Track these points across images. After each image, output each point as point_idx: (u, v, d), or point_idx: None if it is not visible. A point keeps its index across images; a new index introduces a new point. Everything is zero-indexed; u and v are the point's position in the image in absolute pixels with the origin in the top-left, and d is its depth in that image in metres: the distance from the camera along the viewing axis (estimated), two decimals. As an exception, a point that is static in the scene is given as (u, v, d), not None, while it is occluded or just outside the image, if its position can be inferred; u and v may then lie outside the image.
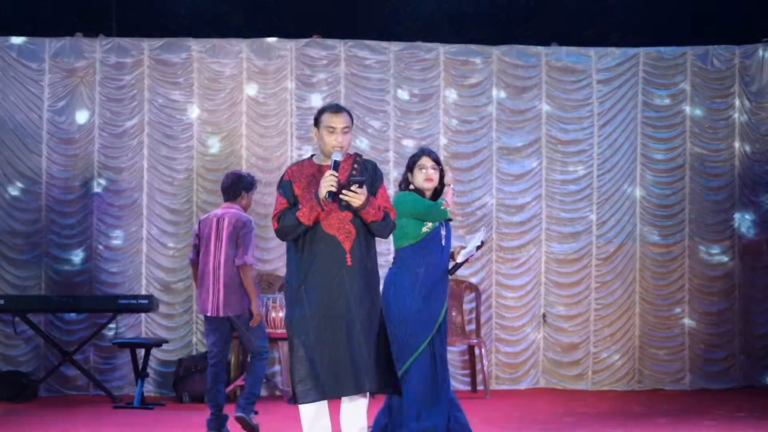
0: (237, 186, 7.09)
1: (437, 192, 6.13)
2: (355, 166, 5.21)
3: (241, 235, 6.92)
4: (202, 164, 9.60)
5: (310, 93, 9.68)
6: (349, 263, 5.14)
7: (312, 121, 5.35)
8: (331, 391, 5.06)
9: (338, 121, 5.19)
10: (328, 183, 5.02)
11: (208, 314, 6.98)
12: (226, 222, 6.97)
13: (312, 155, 5.38)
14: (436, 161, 6.13)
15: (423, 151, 6.16)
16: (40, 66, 9.46)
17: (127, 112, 9.55)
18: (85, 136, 9.49)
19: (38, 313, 9.12)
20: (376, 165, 5.37)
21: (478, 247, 6.18)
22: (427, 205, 5.99)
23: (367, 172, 5.25)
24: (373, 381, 5.07)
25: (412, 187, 6.11)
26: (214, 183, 9.60)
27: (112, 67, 9.54)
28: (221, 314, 6.94)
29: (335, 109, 5.26)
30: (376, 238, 5.30)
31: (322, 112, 5.25)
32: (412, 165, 6.13)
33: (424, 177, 6.06)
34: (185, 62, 9.60)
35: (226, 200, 7.12)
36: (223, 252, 6.93)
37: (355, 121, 9.84)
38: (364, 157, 5.38)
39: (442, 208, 5.99)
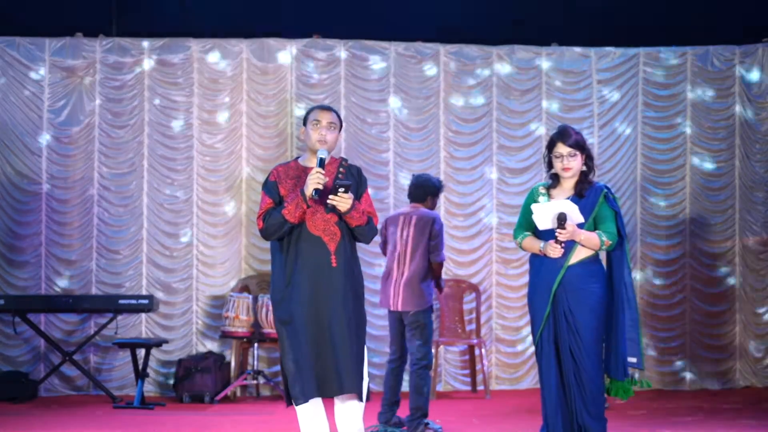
0: (423, 190, 7.23)
1: (584, 177, 5.61)
2: (341, 170, 5.27)
3: (434, 232, 7.06)
4: (202, 164, 9.60)
5: (310, 93, 9.68)
6: (334, 264, 5.18)
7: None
8: (316, 392, 5.10)
9: (324, 116, 5.28)
10: (314, 180, 5.08)
11: (391, 308, 7.07)
12: (413, 220, 7.10)
13: (297, 157, 5.43)
14: (575, 145, 5.53)
15: (558, 136, 5.57)
16: (40, 66, 9.46)
17: (127, 112, 9.55)
18: (85, 136, 9.49)
19: (38, 313, 9.11)
20: (360, 170, 5.44)
21: (560, 222, 5.40)
22: (518, 221, 5.70)
23: (352, 177, 5.30)
24: (352, 382, 5.11)
25: (553, 170, 5.62)
26: (214, 183, 9.61)
27: (112, 67, 9.53)
28: (399, 308, 7.03)
29: (323, 106, 5.38)
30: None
31: (309, 111, 5.37)
32: (549, 150, 5.59)
33: (561, 166, 5.55)
34: (185, 62, 9.60)
35: (412, 201, 7.28)
36: (409, 249, 7.05)
37: (354, 121, 9.91)
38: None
39: (519, 241, 5.61)
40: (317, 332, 5.12)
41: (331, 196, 5.09)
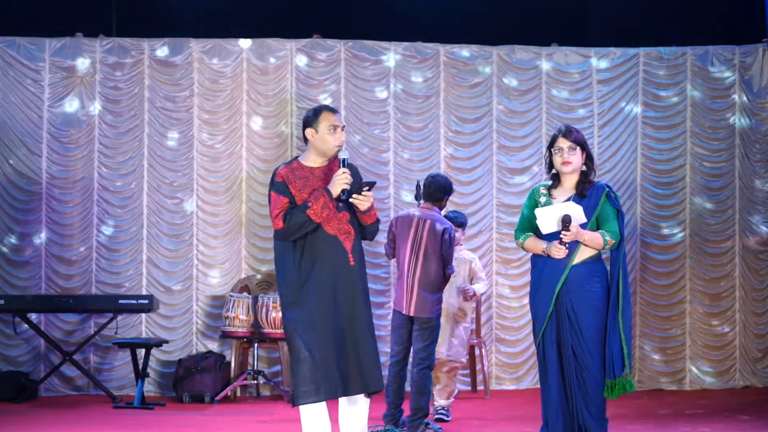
0: (444, 190, 7.11)
1: (585, 177, 5.61)
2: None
3: (446, 242, 6.96)
4: (202, 164, 9.60)
5: (310, 93, 9.67)
6: (352, 263, 5.18)
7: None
8: (337, 391, 5.08)
9: (339, 120, 5.28)
10: (342, 181, 5.10)
11: (403, 312, 6.97)
12: (428, 225, 6.96)
13: (296, 157, 5.41)
14: (576, 141, 5.54)
15: (559, 131, 5.59)
16: (40, 66, 9.45)
17: (127, 112, 9.55)
18: (85, 136, 9.49)
19: (38, 313, 9.11)
20: (357, 168, 5.41)
21: (565, 224, 5.41)
22: (519, 222, 5.72)
23: (354, 175, 5.29)
24: (378, 380, 5.12)
25: (554, 170, 5.61)
26: (214, 183, 9.61)
27: (112, 67, 9.53)
28: (411, 313, 6.94)
29: (332, 108, 5.35)
30: None
31: (318, 112, 5.27)
32: (550, 146, 5.59)
33: (561, 161, 5.54)
34: (185, 62, 9.60)
35: (426, 201, 7.12)
36: (421, 254, 6.95)
37: (354, 121, 9.93)
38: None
39: (521, 242, 5.64)
40: (339, 332, 5.11)
41: (354, 195, 5.10)
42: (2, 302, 8.70)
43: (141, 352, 8.74)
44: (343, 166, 5.14)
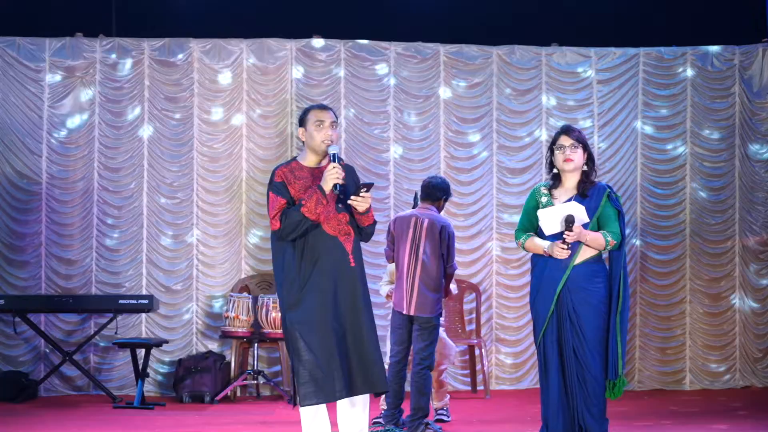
0: (442, 190, 7.10)
1: (586, 177, 5.63)
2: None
3: (444, 240, 6.95)
4: (202, 164, 9.60)
5: (310, 93, 9.67)
6: (353, 264, 5.18)
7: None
8: (342, 392, 5.07)
9: (326, 116, 5.28)
10: (333, 176, 5.09)
11: (404, 312, 6.95)
12: (426, 223, 6.95)
13: (295, 157, 5.41)
14: (578, 139, 5.58)
15: (561, 129, 5.64)
16: (40, 66, 9.45)
17: (127, 113, 9.55)
18: (85, 136, 9.49)
19: (38, 313, 9.11)
20: (353, 168, 5.41)
21: (568, 225, 5.43)
22: (520, 222, 5.74)
23: (349, 176, 5.29)
24: (383, 380, 5.13)
25: (555, 170, 5.63)
26: (214, 183, 9.61)
27: (112, 67, 9.53)
28: (412, 313, 6.92)
29: (322, 105, 5.37)
30: None
31: (307, 111, 5.33)
32: (552, 145, 5.63)
33: (563, 158, 5.55)
34: (185, 62, 9.60)
35: (424, 201, 7.11)
36: (421, 252, 6.93)
37: (354, 121, 9.91)
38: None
39: (522, 242, 5.65)
40: (341, 333, 5.10)
41: (353, 197, 5.10)
42: (2, 302, 8.70)
43: (141, 352, 8.74)
44: (333, 161, 5.14)
